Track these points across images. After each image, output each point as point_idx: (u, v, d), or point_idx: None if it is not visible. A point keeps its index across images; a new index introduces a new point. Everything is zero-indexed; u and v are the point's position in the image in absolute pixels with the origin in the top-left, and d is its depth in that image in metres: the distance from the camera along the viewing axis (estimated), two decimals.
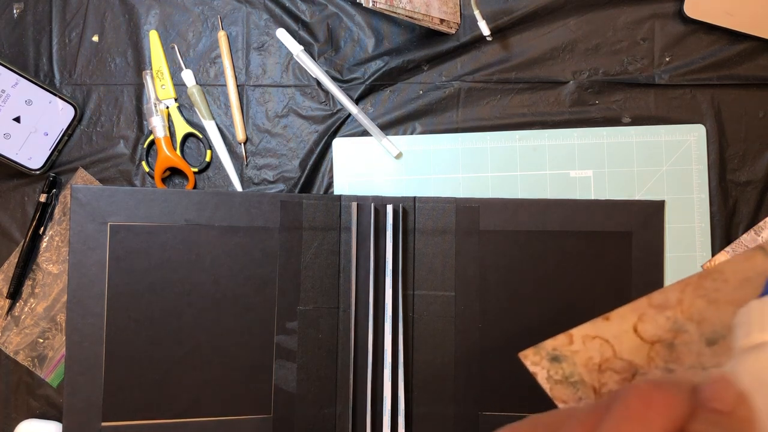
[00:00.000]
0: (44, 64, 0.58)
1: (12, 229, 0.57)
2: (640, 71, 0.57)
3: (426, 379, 0.53)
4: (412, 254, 0.54)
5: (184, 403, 0.52)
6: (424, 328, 0.53)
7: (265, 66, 0.58)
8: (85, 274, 0.51)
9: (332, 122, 0.57)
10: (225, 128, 0.58)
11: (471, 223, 0.54)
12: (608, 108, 0.57)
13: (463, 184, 0.57)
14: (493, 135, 0.57)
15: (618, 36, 0.57)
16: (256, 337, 0.52)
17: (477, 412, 0.53)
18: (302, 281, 0.53)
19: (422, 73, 0.58)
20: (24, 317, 0.56)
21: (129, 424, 0.51)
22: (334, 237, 0.54)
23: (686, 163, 0.56)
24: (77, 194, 0.51)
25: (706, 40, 0.57)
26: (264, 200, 0.53)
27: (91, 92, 0.58)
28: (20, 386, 0.56)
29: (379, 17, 0.58)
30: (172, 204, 0.52)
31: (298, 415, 0.52)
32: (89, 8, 0.58)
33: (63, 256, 0.57)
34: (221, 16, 0.58)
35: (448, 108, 0.57)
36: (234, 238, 0.53)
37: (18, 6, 0.58)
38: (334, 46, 0.58)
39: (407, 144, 0.57)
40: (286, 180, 0.57)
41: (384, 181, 0.57)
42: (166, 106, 0.57)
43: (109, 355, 0.51)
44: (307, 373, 0.53)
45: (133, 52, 0.58)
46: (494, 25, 0.56)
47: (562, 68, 0.57)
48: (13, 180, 0.57)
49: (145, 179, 0.58)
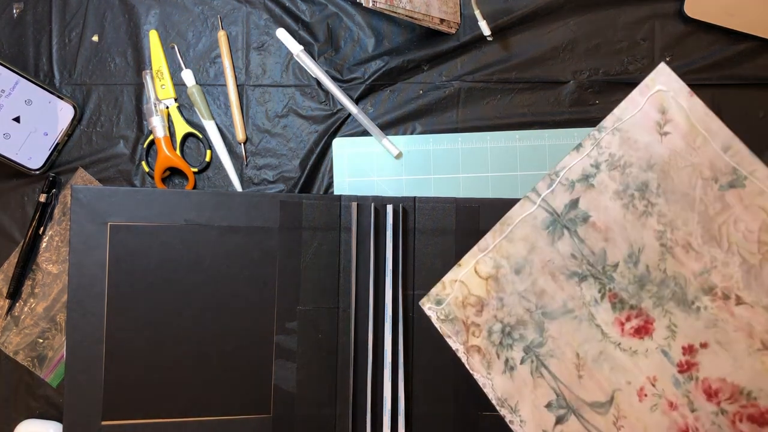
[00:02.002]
0: (44, 64, 0.58)
1: (12, 229, 0.57)
2: (641, 71, 0.57)
3: (426, 379, 0.53)
4: (412, 254, 0.54)
5: (183, 402, 0.52)
6: (424, 328, 0.53)
7: (265, 66, 0.58)
8: (85, 274, 0.51)
9: (332, 122, 0.57)
10: (225, 128, 0.58)
11: (471, 223, 0.54)
12: (608, 108, 0.57)
13: (463, 184, 0.57)
14: (493, 135, 0.57)
15: (618, 36, 0.57)
16: (256, 337, 0.52)
17: (477, 412, 0.53)
18: (302, 281, 0.53)
19: (422, 73, 0.58)
20: (24, 317, 0.56)
21: (129, 423, 0.51)
22: (334, 237, 0.54)
23: None
24: (77, 194, 0.51)
25: (706, 40, 0.57)
26: (264, 200, 0.53)
27: (91, 92, 0.58)
28: (20, 386, 0.56)
29: (379, 17, 0.58)
30: (171, 204, 0.52)
31: (298, 415, 0.52)
32: (89, 8, 0.58)
33: (63, 256, 0.57)
34: (221, 16, 0.58)
35: (448, 108, 0.57)
36: (234, 238, 0.53)
37: (18, 6, 0.58)
38: (334, 46, 0.58)
39: (407, 144, 0.57)
40: (286, 180, 0.57)
41: (384, 181, 0.57)
42: (165, 106, 0.57)
43: (109, 355, 0.51)
44: (307, 373, 0.53)
45: (132, 52, 0.58)
46: (494, 25, 0.56)
47: (562, 68, 0.57)
48: (12, 180, 0.57)
49: (145, 179, 0.58)
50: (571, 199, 0.50)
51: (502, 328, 0.51)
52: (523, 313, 0.51)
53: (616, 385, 0.49)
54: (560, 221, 0.50)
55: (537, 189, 0.51)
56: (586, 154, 0.50)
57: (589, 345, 0.49)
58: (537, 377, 0.50)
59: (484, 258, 0.52)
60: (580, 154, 0.50)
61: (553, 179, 0.51)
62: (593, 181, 0.50)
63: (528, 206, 0.51)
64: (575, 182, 0.50)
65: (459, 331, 0.52)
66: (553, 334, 0.50)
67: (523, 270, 0.51)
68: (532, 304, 0.51)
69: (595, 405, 0.49)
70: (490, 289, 0.52)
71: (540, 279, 0.51)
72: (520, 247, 0.51)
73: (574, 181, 0.50)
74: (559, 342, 0.50)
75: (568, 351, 0.50)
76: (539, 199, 0.51)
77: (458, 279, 0.52)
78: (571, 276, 0.50)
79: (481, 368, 0.51)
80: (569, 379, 0.50)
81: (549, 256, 0.50)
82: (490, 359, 0.51)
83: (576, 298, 0.50)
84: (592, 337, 0.49)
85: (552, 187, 0.51)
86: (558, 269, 0.50)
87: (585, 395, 0.49)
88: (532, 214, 0.51)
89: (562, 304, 0.50)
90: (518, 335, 0.51)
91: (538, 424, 0.50)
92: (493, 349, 0.51)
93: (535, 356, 0.50)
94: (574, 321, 0.50)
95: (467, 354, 0.52)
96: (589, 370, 0.49)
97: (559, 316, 0.50)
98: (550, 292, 0.50)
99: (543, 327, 0.50)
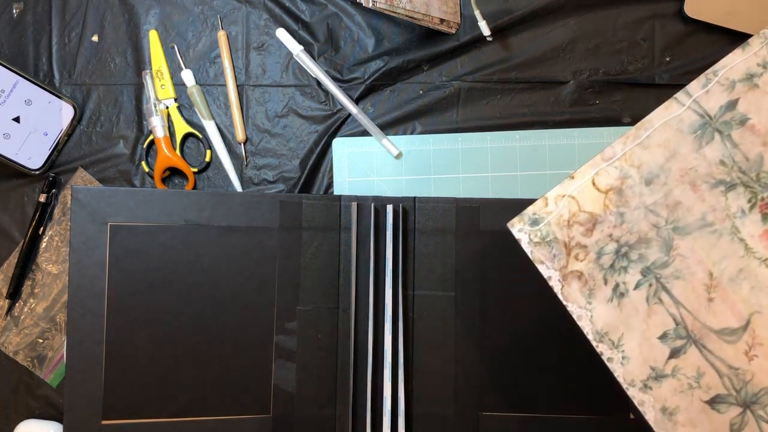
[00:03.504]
0: (44, 64, 0.58)
1: (12, 229, 0.57)
2: (641, 71, 0.57)
3: (426, 379, 0.53)
4: (412, 254, 0.54)
5: (183, 402, 0.52)
6: (424, 328, 0.53)
7: (264, 66, 0.58)
8: (86, 274, 0.51)
9: (332, 122, 0.57)
10: (225, 128, 0.58)
11: (471, 223, 0.54)
12: (608, 108, 0.57)
13: (463, 184, 0.57)
14: (493, 135, 0.57)
15: (618, 36, 0.57)
16: (256, 337, 0.52)
17: (477, 412, 0.53)
18: (302, 281, 0.53)
19: (422, 73, 0.58)
20: (24, 317, 0.56)
21: (129, 422, 0.51)
22: (334, 237, 0.54)
23: None
24: (77, 195, 0.51)
25: (706, 40, 0.57)
26: (263, 200, 0.53)
27: (91, 92, 0.58)
28: (20, 386, 0.56)
29: (379, 17, 0.58)
30: (171, 204, 0.52)
31: (298, 415, 0.52)
32: (89, 8, 0.58)
33: (63, 256, 0.57)
34: (221, 16, 0.58)
35: (448, 108, 0.57)
36: (233, 238, 0.53)
37: (18, 6, 0.58)
38: (334, 46, 0.58)
39: (407, 144, 0.57)
40: (286, 180, 0.57)
41: (384, 181, 0.57)
42: (165, 106, 0.57)
43: (109, 354, 0.51)
44: (307, 373, 0.53)
45: (132, 52, 0.58)
46: (494, 25, 0.56)
47: (562, 68, 0.57)
48: (12, 180, 0.57)
49: (144, 179, 0.58)
50: (729, 99, 0.45)
51: (617, 248, 0.46)
52: (648, 230, 0.45)
53: (756, 307, 0.43)
54: (712, 124, 0.45)
55: (688, 90, 0.46)
56: (753, 53, 0.45)
57: (727, 262, 0.44)
58: (654, 303, 0.45)
59: (607, 168, 0.46)
60: (746, 53, 0.45)
61: (710, 78, 0.45)
62: (758, 81, 0.45)
63: (674, 108, 0.46)
64: (736, 82, 0.45)
65: (557, 255, 0.46)
66: (684, 251, 0.45)
67: (656, 180, 0.45)
68: (662, 218, 0.45)
69: (724, 332, 0.44)
70: (609, 204, 0.46)
71: (676, 189, 0.45)
72: (657, 153, 0.46)
73: (735, 81, 0.45)
74: (689, 261, 0.45)
75: (699, 270, 0.44)
76: (690, 100, 0.45)
77: (567, 194, 0.46)
78: (717, 185, 0.45)
79: (580, 297, 0.45)
80: (696, 303, 0.44)
81: (692, 163, 0.45)
82: (594, 286, 0.45)
83: (719, 210, 0.45)
84: (733, 253, 0.44)
85: (707, 87, 0.45)
86: (701, 178, 0.45)
87: (713, 321, 0.44)
88: (678, 117, 0.45)
89: (700, 217, 0.45)
90: (637, 255, 0.45)
91: (645, 360, 0.44)
92: (600, 274, 0.45)
93: (655, 279, 0.45)
94: (712, 236, 0.45)
95: (563, 281, 0.46)
96: (723, 291, 0.44)
97: (694, 230, 0.45)
98: (686, 204, 0.45)
99: (671, 245, 0.45)
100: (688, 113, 0.46)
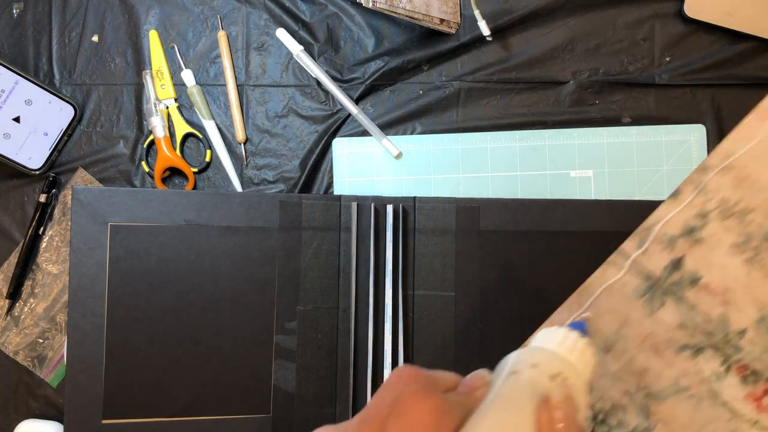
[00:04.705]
0: (44, 64, 0.58)
1: (12, 229, 0.57)
2: (640, 71, 0.57)
3: None
4: (412, 254, 0.54)
5: (183, 401, 0.52)
6: (424, 328, 0.53)
7: (264, 66, 0.58)
8: (86, 274, 0.51)
9: (332, 122, 0.57)
10: (225, 128, 0.58)
11: (471, 223, 0.54)
12: (608, 108, 0.57)
13: (463, 184, 0.57)
14: (493, 135, 0.57)
15: (618, 36, 0.57)
16: (256, 336, 0.52)
17: None
18: (301, 281, 0.53)
19: (422, 73, 0.58)
20: (24, 317, 0.56)
21: (129, 422, 0.51)
22: (334, 237, 0.54)
23: (686, 163, 0.56)
24: (78, 195, 0.51)
25: (706, 40, 0.57)
26: (263, 200, 0.53)
27: (91, 92, 0.58)
28: (20, 386, 0.56)
29: (379, 17, 0.58)
30: (171, 204, 0.52)
31: (298, 415, 0.52)
32: (89, 8, 0.58)
33: (63, 256, 0.57)
34: (221, 16, 0.58)
35: (448, 108, 0.57)
36: (233, 238, 0.53)
37: (18, 6, 0.58)
38: (334, 46, 0.58)
39: (407, 144, 0.57)
40: (286, 180, 0.57)
41: (384, 181, 0.57)
42: (165, 106, 0.57)
43: (109, 354, 0.51)
44: (307, 373, 0.53)
45: (132, 52, 0.58)
46: (494, 25, 0.56)
47: (562, 68, 0.57)
48: (12, 180, 0.57)
49: (145, 179, 0.58)
50: (672, 258, 0.41)
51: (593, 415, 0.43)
52: (620, 396, 0.42)
53: None
54: (660, 286, 0.42)
55: (623, 250, 0.42)
56: (687, 202, 0.41)
57: (715, 426, 0.41)
58: None
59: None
60: (679, 202, 0.42)
61: (644, 237, 0.42)
62: (700, 234, 0.41)
63: (612, 273, 0.42)
64: (677, 237, 0.41)
65: None
66: (664, 417, 0.42)
67: (615, 347, 0.42)
68: (632, 385, 0.42)
69: None
70: None
71: (639, 356, 0.42)
72: (609, 320, 0.43)
73: (674, 236, 0.41)
74: (674, 426, 0.42)
75: None
76: (628, 262, 0.42)
77: None
78: (682, 349, 0.42)
79: None
80: None
81: (648, 328, 0.42)
82: None
83: (691, 374, 0.41)
84: (719, 417, 0.41)
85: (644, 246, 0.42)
86: (663, 343, 0.42)
87: None
88: (619, 281, 0.42)
89: (672, 383, 0.42)
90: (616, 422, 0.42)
91: None
92: None
93: None
94: (691, 400, 0.41)
95: None
96: None
97: (669, 396, 0.42)
98: (655, 370, 0.42)
99: (648, 410, 0.42)
100: (629, 277, 0.42)
